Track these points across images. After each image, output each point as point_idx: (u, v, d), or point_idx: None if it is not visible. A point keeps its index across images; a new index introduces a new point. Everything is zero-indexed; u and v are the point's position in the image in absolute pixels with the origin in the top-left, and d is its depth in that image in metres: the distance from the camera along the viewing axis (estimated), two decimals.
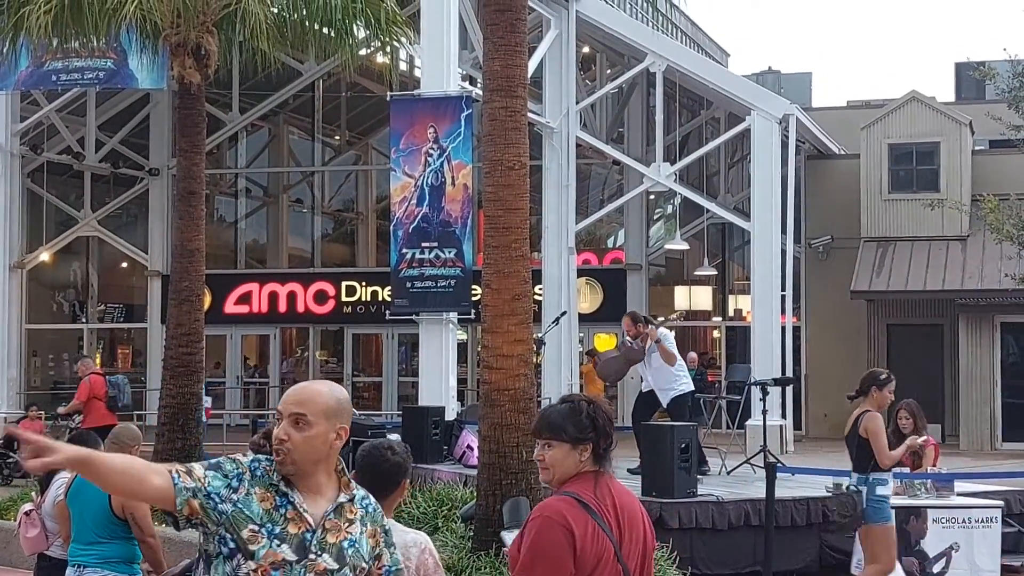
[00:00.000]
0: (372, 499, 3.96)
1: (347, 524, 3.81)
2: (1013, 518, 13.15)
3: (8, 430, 4.18)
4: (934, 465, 12.86)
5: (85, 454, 3.67)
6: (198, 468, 3.75)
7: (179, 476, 3.69)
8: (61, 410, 20.33)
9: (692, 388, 15.26)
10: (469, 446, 15.15)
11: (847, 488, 10.19)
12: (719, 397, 20.29)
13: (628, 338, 14.83)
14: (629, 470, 13.69)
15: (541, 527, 4.11)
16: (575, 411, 4.26)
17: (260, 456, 3.84)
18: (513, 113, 10.88)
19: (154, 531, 7.63)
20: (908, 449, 10.44)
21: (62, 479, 8.47)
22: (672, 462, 12.39)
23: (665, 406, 14.92)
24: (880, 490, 10.11)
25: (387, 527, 3.98)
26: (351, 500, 3.85)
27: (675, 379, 14.81)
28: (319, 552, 3.73)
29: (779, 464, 13.76)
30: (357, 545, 3.81)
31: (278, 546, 3.69)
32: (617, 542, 4.18)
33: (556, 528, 4.09)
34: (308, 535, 3.73)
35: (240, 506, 3.70)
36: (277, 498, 3.74)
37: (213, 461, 3.80)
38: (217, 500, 3.69)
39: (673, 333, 16.01)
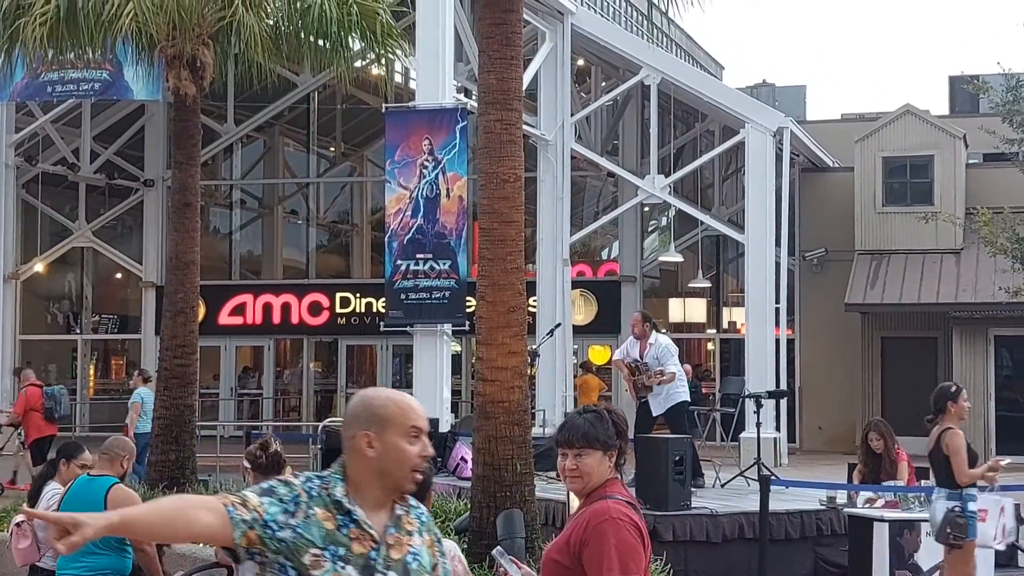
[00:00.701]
0: (423, 508, 3.87)
1: (407, 536, 3.70)
2: None
3: (26, 512, 4.10)
4: (909, 482, 12.88)
5: (119, 518, 3.51)
6: (252, 496, 3.60)
7: (234, 508, 3.54)
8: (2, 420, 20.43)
9: (687, 398, 15.29)
10: (463, 458, 15.16)
11: (952, 510, 10.07)
12: (713, 410, 20.32)
13: (636, 380, 14.89)
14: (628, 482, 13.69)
15: (617, 529, 4.37)
16: (602, 419, 4.54)
17: (311, 474, 3.71)
18: (508, 126, 10.90)
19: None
20: (989, 470, 10.34)
21: (54, 490, 8.47)
22: (667, 474, 12.39)
23: (658, 414, 14.89)
24: (971, 506, 10.09)
25: (439, 536, 3.89)
26: (407, 511, 3.74)
27: (671, 388, 14.81)
28: (385, 570, 3.61)
29: (773, 477, 13.77)
30: (420, 558, 3.70)
31: (343, 568, 3.55)
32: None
33: (628, 527, 4.38)
34: (373, 553, 3.61)
35: (300, 531, 3.55)
36: (339, 516, 3.60)
37: (265, 486, 3.65)
38: (275, 528, 3.54)
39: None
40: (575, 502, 4.71)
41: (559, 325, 20.87)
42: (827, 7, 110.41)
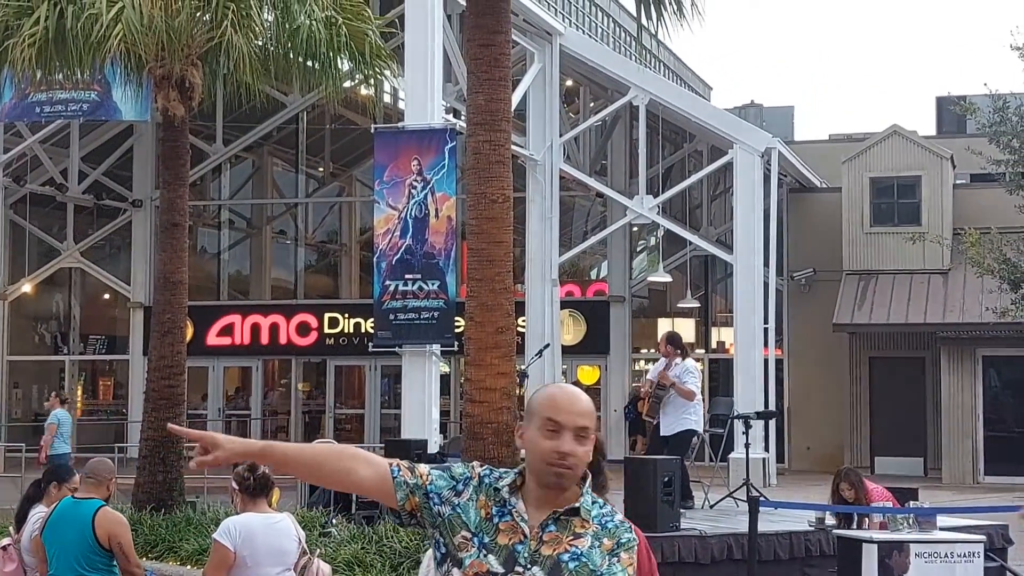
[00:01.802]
0: (618, 517, 3.62)
1: (572, 537, 3.52)
2: (995, 553, 13.13)
3: (171, 428, 4.02)
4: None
5: (261, 445, 3.55)
6: (422, 466, 3.62)
7: (399, 470, 3.57)
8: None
9: (697, 429, 15.01)
10: None
11: None
12: (701, 433, 20.23)
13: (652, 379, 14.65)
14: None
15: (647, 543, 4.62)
16: None
17: (494, 470, 3.67)
18: (497, 147, 10.92)
19: (139, 561, 7.62)
20: None
21: (38, 514, 8.42)
22: (656, 496, 12.34)
23: (665, 435, 14.73)
24: None
25: (629, 548, 3.56)
26: (576, 512, 3.54)
27: (685, 412, 14.63)
28: (528, 565, 3.48)
29: (762, 498, 13.74)
30: (582, 559, 3.50)
31: (484, 556, 3.50)
32: None
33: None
34: (519, 547, 3.51)
35: (459, 511, 3.55)
36: (495, 507, 3.55)
37: (445, 464, 3.67)
38: (436, 501, 3.56)
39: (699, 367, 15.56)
40: None
41: (548, 346, 20.85)
42: (815, 28, 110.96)
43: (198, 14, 14.60)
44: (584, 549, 3.50)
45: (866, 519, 12.18)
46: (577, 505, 3.54)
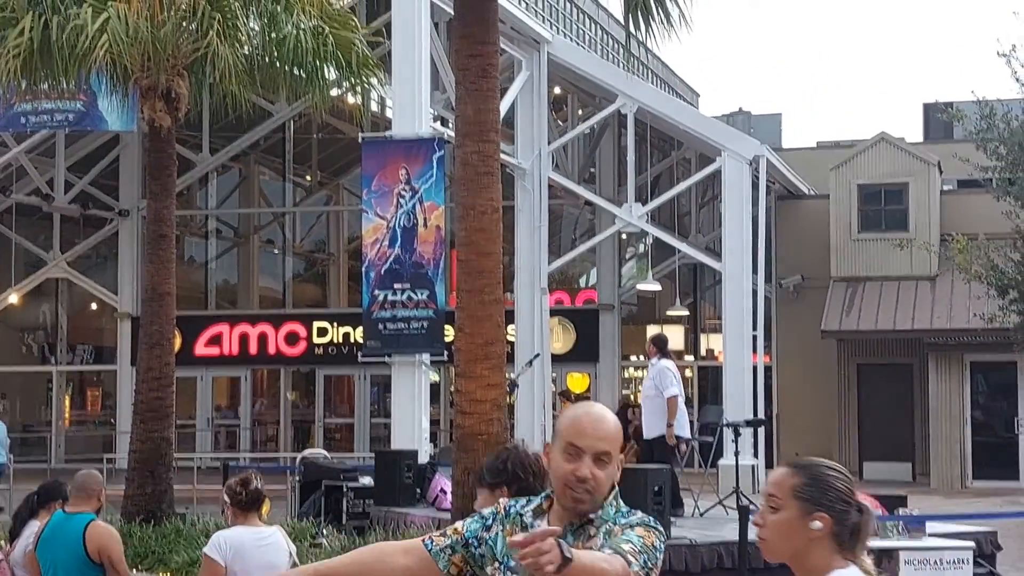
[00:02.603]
0: (638, 514, 3.63)
1: (586, 539, 3.55)
2: (984, 559, 13.15)
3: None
4: None
5: (314, 570, 3.69)
6: (458, 523, 3.73)
7: (431, 541, 3.65)
8: None
9: (681, 434, 14.99)
10: (443, 490, 15.06)
11: None
12: (691, 439, 20.21)
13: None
14: None
15: None
16: (495, 458, 4.60)
17: (520, 499, 3.75)
18: (485, 158, 10.90)
19: (129, 573, 7.60)
20: None
21: (32, 528, 8.39)
22: (646, 505, 12.34)
23: (649, 437, 14.75)
24: None
25: (639, 523, 3.57)
26: (592, 521, 3.56)
27: (665, 416, 14.64)
28: None
29: (752, 506, 13.72)
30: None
31: (505, 574, 3.60)
32: None
33: None
34: None
35: (489, 544, 3.64)
36: (519, 530, 3.58)
37: (476, 514, 3.77)
38: (475, 544, 3.65)
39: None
40: None
41: (538, 355, 20.82)
42: (802, 35, 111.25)
43: (184, 24, 14.56)
44: (596, 546, 3.52)
45: None
46: (592, 516, 3.56)
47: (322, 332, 29.91)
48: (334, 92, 18.19)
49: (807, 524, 3.16)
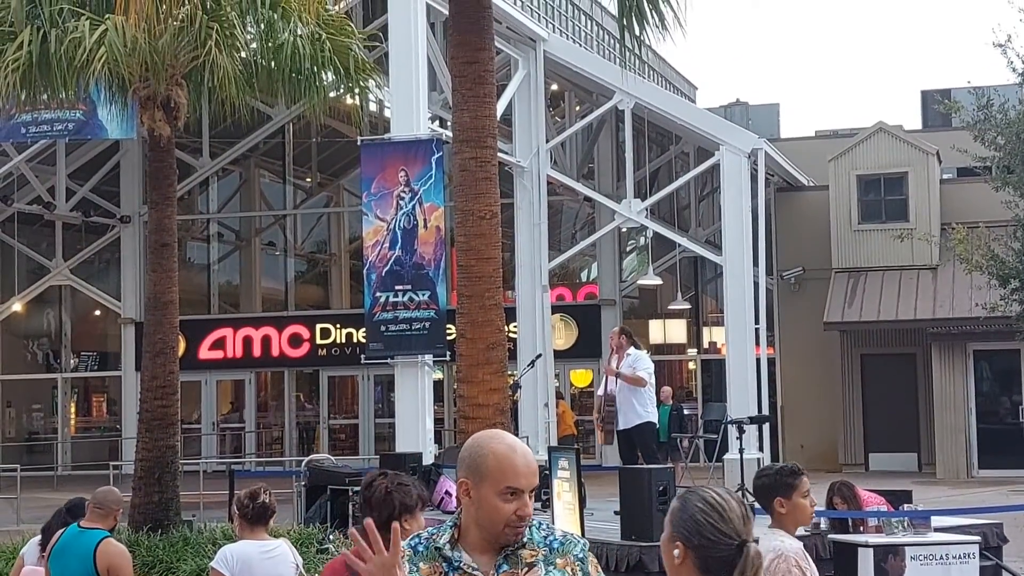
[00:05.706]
0: (558, 531, 3.70)
1: (526, 570, 3.57)
2: (991, 551, 13.18)
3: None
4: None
5: None
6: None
7: None
8: None
9: (654, 420, 15.11)
10: (447, 492, 15.09)
11: None
12: (696, 437, 20.30)
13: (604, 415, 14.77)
14: (615, 512, 13.64)
15: None
16: (367, 487, 4.87)
17: (420, 533, 3.69)
18: (483, 164, 10.95)
19: None
20: None
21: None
22: (651, 505, 12.36)
23: (623, 428, 14.75)
24: None
25: (584, 557, 3.66)
26: (524, 545, 3.59)
27: (639, 403, 14.67)
28: None
29: (756, 504, 13.74)
30: None
31: None
32: None
33: None
34: None
35: None
36: (443, 565, 3.56)
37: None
38: None
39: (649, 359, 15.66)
40: None
41: (540, 356, 20.84)
42: (800, 25, 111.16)
43: (181, 34, 14.60)
44: (550, 573, 3.57)
45: (860, 526, 12.24)
46: (524, 540, 3.59)
47: (325, 333, 29.96)
48: (332, 94, 18.23)
49: (671, 550, 3.25)
